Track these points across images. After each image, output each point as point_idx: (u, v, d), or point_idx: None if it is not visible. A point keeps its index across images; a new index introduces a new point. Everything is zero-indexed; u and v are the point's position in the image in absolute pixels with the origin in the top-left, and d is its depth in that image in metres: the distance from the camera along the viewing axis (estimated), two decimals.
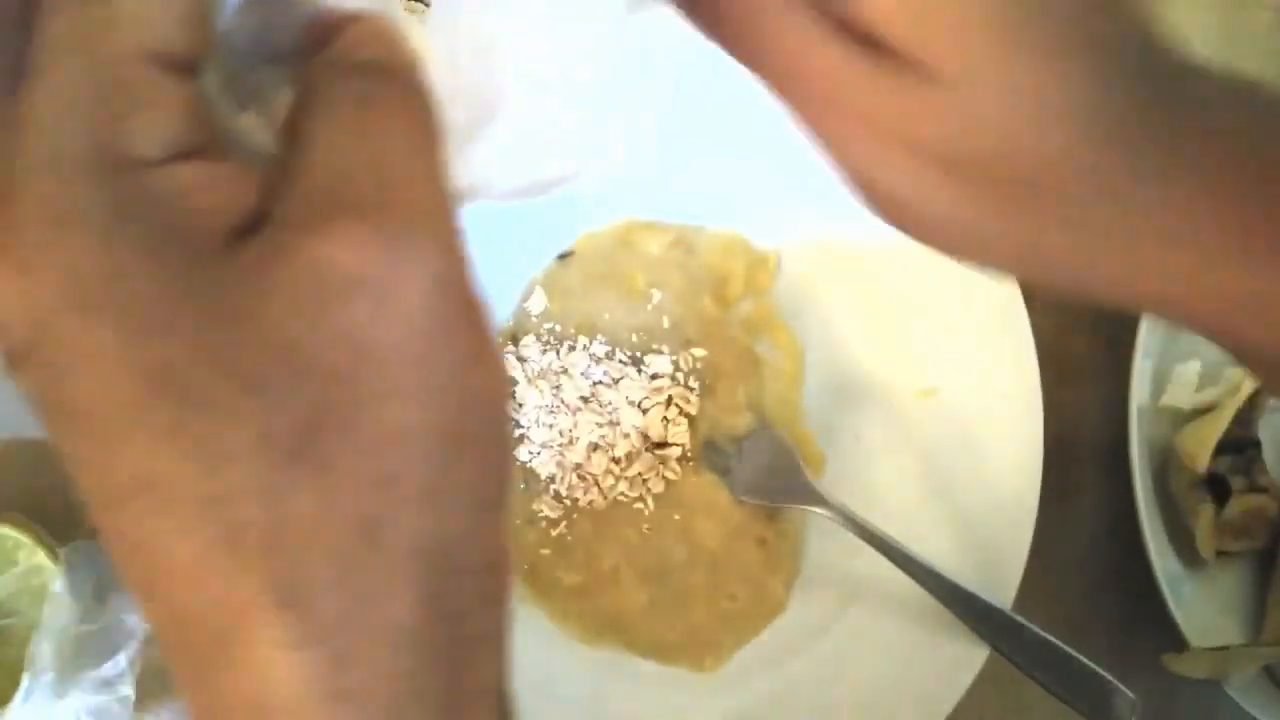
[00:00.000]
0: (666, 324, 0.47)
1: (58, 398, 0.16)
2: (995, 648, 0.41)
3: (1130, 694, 0.39)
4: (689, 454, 0.46)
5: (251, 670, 0.16)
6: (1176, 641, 0.44)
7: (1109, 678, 0.40)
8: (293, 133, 0.18)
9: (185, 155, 0.17)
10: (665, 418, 0.45)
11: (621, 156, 0.24)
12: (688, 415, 0.46)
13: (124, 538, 0.16)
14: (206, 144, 0.17)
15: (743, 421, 0.46)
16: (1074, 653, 0.40)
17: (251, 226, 0.17)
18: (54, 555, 0.39)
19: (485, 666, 0.18)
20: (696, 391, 0.46)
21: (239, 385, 0.16)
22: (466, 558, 0.18)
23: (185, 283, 0.16)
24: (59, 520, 0.40)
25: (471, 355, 0.17)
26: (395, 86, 0.18)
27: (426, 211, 0.17)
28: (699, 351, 0.46)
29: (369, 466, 0.16)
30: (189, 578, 0.16)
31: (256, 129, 0.20)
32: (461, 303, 0.17)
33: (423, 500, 0.17)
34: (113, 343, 0.16)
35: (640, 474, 0.45)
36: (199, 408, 0.16)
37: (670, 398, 0.46)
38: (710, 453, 0.46)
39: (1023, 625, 0.40)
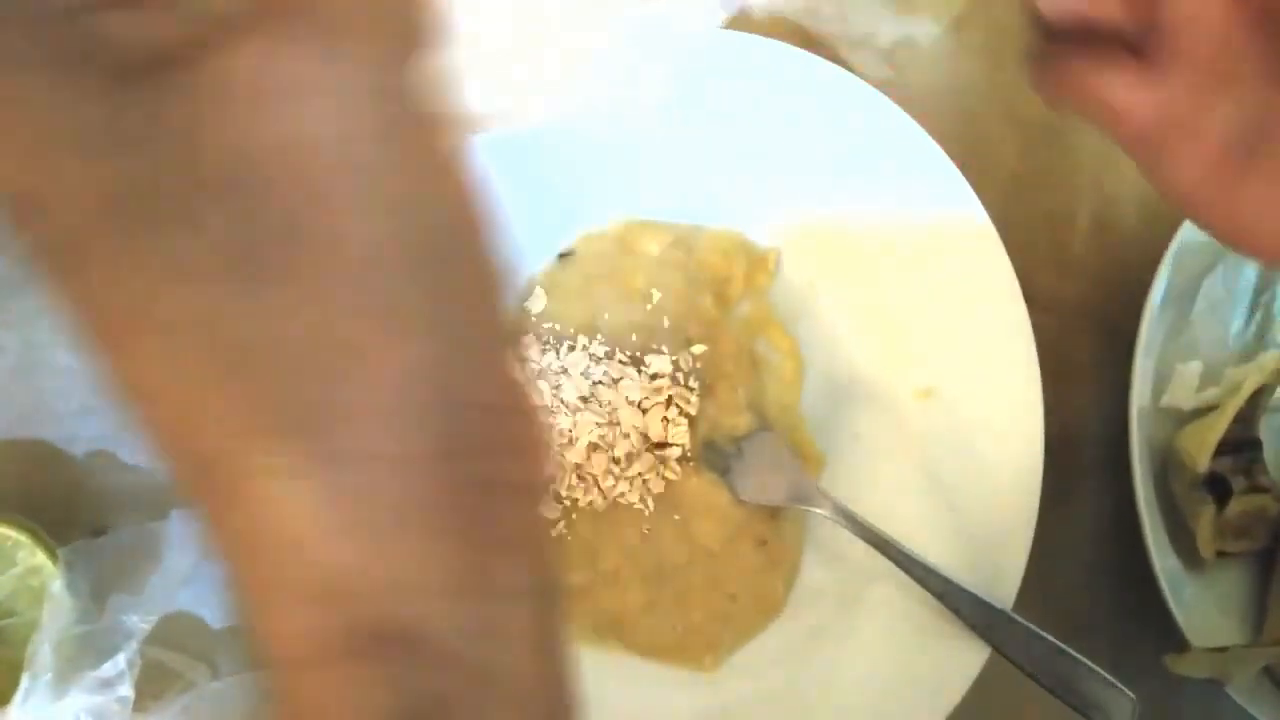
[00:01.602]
0: (666, 324, 0.46)
1: (38, 243, 0.15)
2: (995, 648, 0.41)
3: (1130, 694, 0.39)
4: (689, 454, 0.45)
5: (256, 505, 0.15)
6: (1177, 642, 0.44)
7: (1109, 678, 0.40)
8: None
9: None
10: (665, 418, 0.45)
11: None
12: (688, 415, 0.46)
13: (134, 383, 0.15)
14: None
15: (743, 422, 0.46)
16: (1074, 653, 0.40)
17: (179, 54, 0.15)
18: (53, 556, 0.39)
19: (514, 520, 0.17)
20: (696, 392, 0.46)
21: (206, 195, 0.15)
22: (470, 393, 0.16)
23: (119, 102, 0.15)
24: (58, 521, 0.40)
25: (430, 172, 0.16)
26: None
27: (370, 19, 0.16)
28: (699, 350, 0.46)
29: (345, 284, 0.15)
30: (190, 408, 0.15)
31: None
32: (410, 116, 0.16)
33: (405, 325, 0.16)
34: (68, 171, 0.15)
35: (640, 474, 0.45)
36: (171, 222, 0.15)
37: (670, 398, 0.45)
38: (710, 453, 0.46)
39: (1023, 625, 0.40)
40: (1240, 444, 0.46)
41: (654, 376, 0.46)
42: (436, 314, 0.16)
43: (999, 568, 0.42)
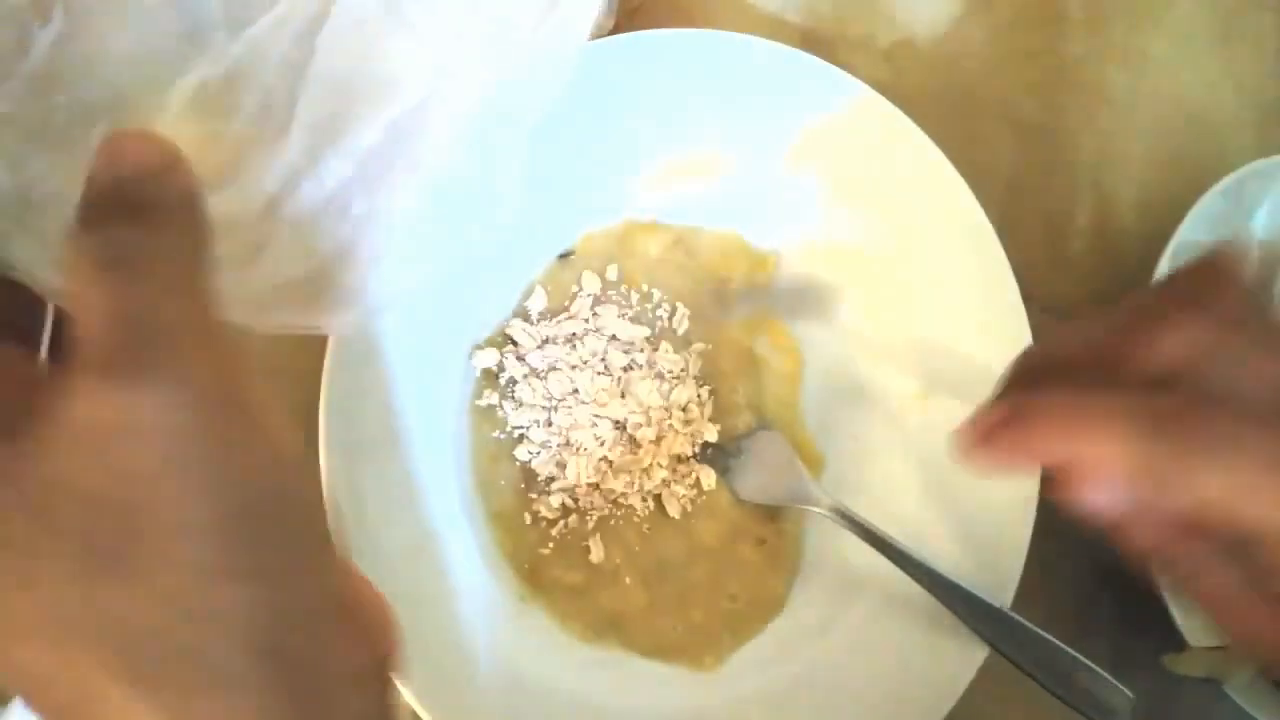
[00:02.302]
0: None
1: None
2: (994, 647, 0.41)
3: (1129, 693, 0.39)
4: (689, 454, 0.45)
5: None
6: (1176, 641, 0.44)
7: (1108, 677, 0.40)
8: (69, 292, 0.21)
9: None
10: None
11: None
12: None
13: (16, 671, 0.20)
14: None
15: (742, 421, 0.46)
16: (1073, 652, 0.40)
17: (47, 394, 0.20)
18: None
19: (350, 701, 0.22)
20: None
21: (43, 525, 0.20)
22: (294, 616, 0.21)
23: None
24: None
25: (244, 459, 0.21)
26: (145, 230, 0.21)
27: (171, 356, 0.20)
28: (699, 349, 0.46)
29: (167, 563, 0.20)
30: (56, 681, 0.20)
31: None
32: (216, 423, 0.21)
33: (231, 576, 0.20)
34: None
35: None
36: (21, 552, 0.20)
37: None
38: (710, 453, 0.46)
39: (1022, 624, 0.41)
40: None
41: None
42: (257, 558, 0.21)
43: (998, 566, 0.42)
